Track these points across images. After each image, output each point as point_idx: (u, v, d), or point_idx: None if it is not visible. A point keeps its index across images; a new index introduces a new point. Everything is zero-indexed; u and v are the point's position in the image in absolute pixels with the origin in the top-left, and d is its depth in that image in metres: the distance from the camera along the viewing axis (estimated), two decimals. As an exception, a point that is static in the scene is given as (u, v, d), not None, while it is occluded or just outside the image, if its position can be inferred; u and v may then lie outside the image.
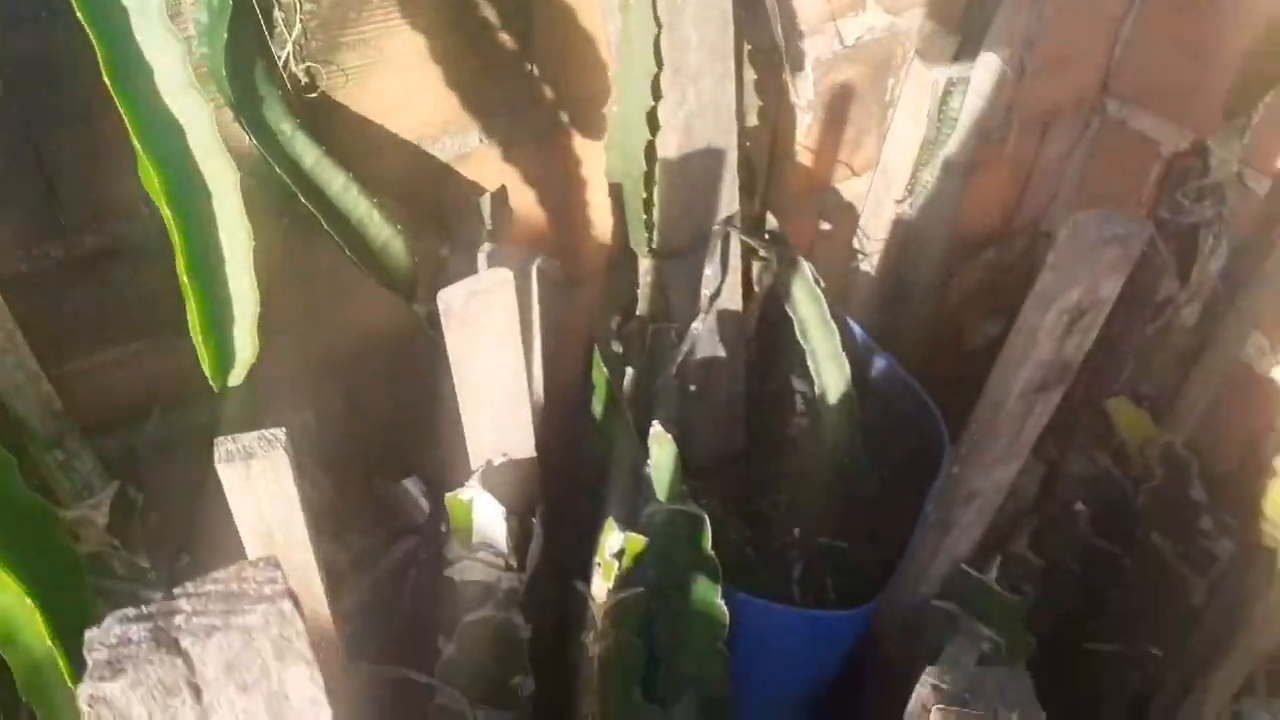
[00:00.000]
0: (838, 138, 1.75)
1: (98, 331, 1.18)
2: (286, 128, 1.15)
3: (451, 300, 0.89)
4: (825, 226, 1.84)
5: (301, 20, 1.22)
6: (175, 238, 0.74)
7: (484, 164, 1.45)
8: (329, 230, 1.12)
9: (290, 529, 0.72)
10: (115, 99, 0.72)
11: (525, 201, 1.52)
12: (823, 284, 1.38)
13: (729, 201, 1.26)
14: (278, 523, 0.71)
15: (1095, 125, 2.06)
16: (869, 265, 1.75)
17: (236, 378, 0.75)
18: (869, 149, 1.81)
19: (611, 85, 1.17)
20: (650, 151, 1.15)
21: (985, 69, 1.59)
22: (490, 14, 1.34)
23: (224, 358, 0.74)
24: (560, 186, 1.53)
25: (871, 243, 1.72)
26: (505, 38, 1.37)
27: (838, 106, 1.71)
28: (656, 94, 1.10)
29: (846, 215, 1.86)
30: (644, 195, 1.17)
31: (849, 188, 1.83)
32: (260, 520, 0.71)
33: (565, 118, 1.48)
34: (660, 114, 1.12)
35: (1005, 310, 2.32)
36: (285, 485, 0.70)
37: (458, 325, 0.89)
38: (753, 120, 1.31)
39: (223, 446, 0.69)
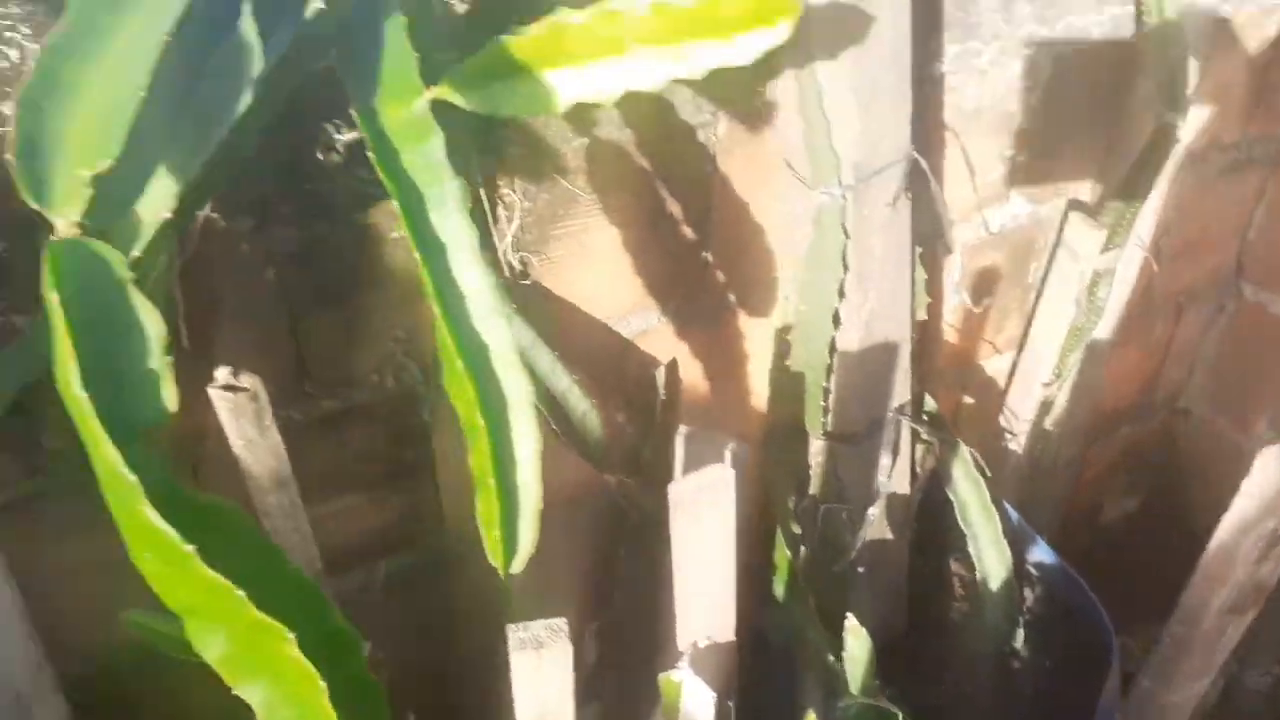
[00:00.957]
0: (982, 317, 1.86)
1: (328, 483, 1.32)
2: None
3: (681, 493, 0.99)
4: (968, 400, 1.93)
5: (520, 216, 1.40)
6: (476, 440, 0.86)
7: (660, 340, 1.59)
8: (537, 405, 1.26)
9: (562, 712, 0.81)
10: (439, 319, 0.86)
11: (692, 374, 1.66)
12: (987, 472, 1.45)
13: (901, 390, 1.36)
14: (553, 705, 0.81)
15: (1231, 308, 2.13)
16: (1016, 444, 1.82)
17: (518, 566, 0.85)
18: (1011, 328, 1.91)
19: (799, 285, 1.30)
20: (832, 345, 1.27)
21: (1130, 259, 1.70)
22: (677, 210, 1.50)
23: (510, 547, 0.85)
24: (724, 361, 1.66)
25: (1019, 422, 1.80)
26: (687, 230, 1.53)
27: (983, 288, 1.83)
28: (841, 295, 1.22)
29: (988, 390, 1.95)
30: (824, 384, 1.28)
31: (991, 364, 1.93)
32: (539, 703, 0.80)
33: (733, 298, 1.62)
34: (843, 312, 1.25)
35: (1142, 486, 2.35)
36: (565, 673, 0.79)
37: (684, 516, 0.99)
38: (921, 314, 1.43)
39: (515, 634, 0.79)
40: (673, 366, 1.55)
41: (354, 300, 1.34)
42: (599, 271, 1.47)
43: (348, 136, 1.16)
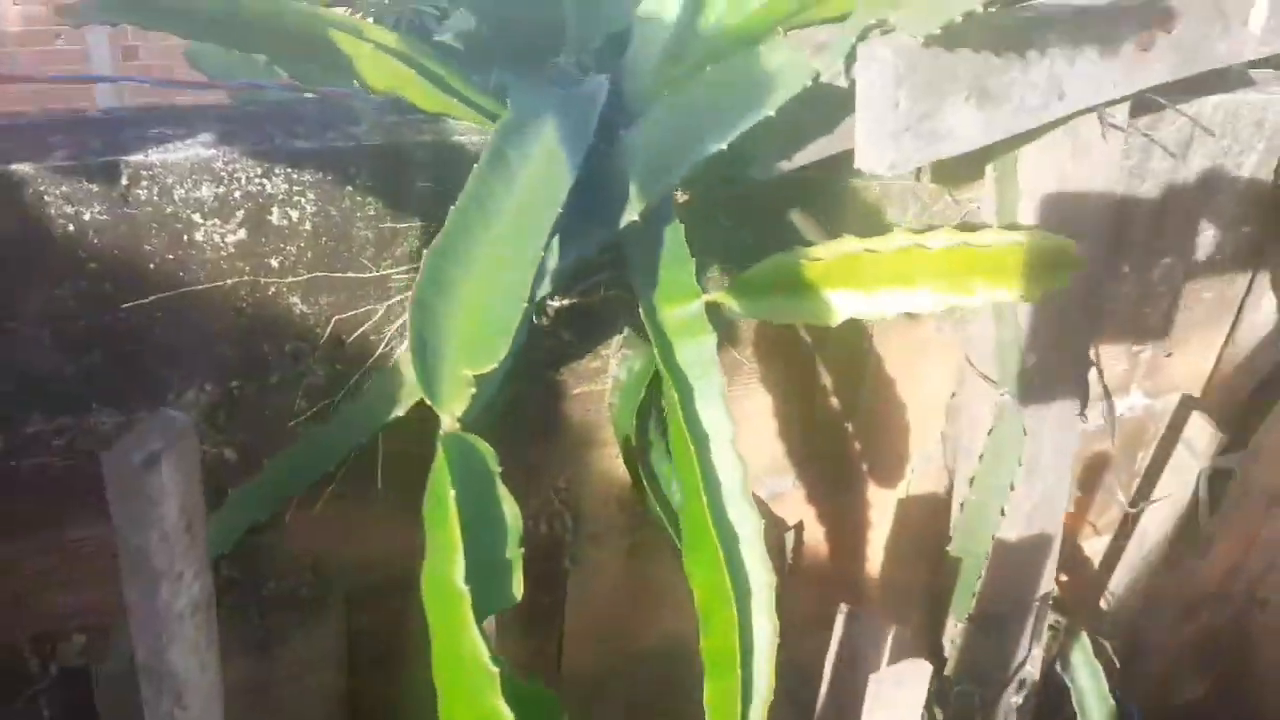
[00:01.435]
0: (1089, 500, 1.92)
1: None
2: (665, 469, 1.36)
3: (880, 684, 1.03)
4: (1063, 578, 1.98)
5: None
6: (717, 625, 0.90)
7: (791, 503, 1.65)
8: None
9: None
10: (693, 502, 0.92)
11: (815, 536, 1.71)
12: (1116, 662, 1.49)
13: (1047, 580, 1.41)
14: None
15: (1316, 505, 2.19)
16: (1114, 625, 1.86)
17: (757, 715, 0.89)
18: (1114, 512, 1.97)
19: (974, 476, 1.36)
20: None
21: (1246, 460, 1.77)
22: (829, 382, 1.57)
23: (747, 695, 0.88)
24: (848, 528, 1.72)
25: (1117, 601, 1.84)
26: (835, 402, 1.60)
27: (1092, 474, 1.90)
28: (1012, 488, 1.28)
29: (1084, 569, 2.00)
30: (980, 573, 1.33)
31: (1090, 544, 1.98)
32: None
33: (865, 468, 1.68)
34: (1008, 505, 1.31)
35: (1213, 668, 2.38)
36: None
37: (880, 705, 1.03)
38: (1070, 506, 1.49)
39: None
40: (799, 529, 1.60)
41: (530, 450, 1.40)
42: (749, 435, 1.53)
43: (559, 303, 1.24)
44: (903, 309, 0.91)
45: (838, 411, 1.61)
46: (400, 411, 1.05)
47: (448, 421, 0.72)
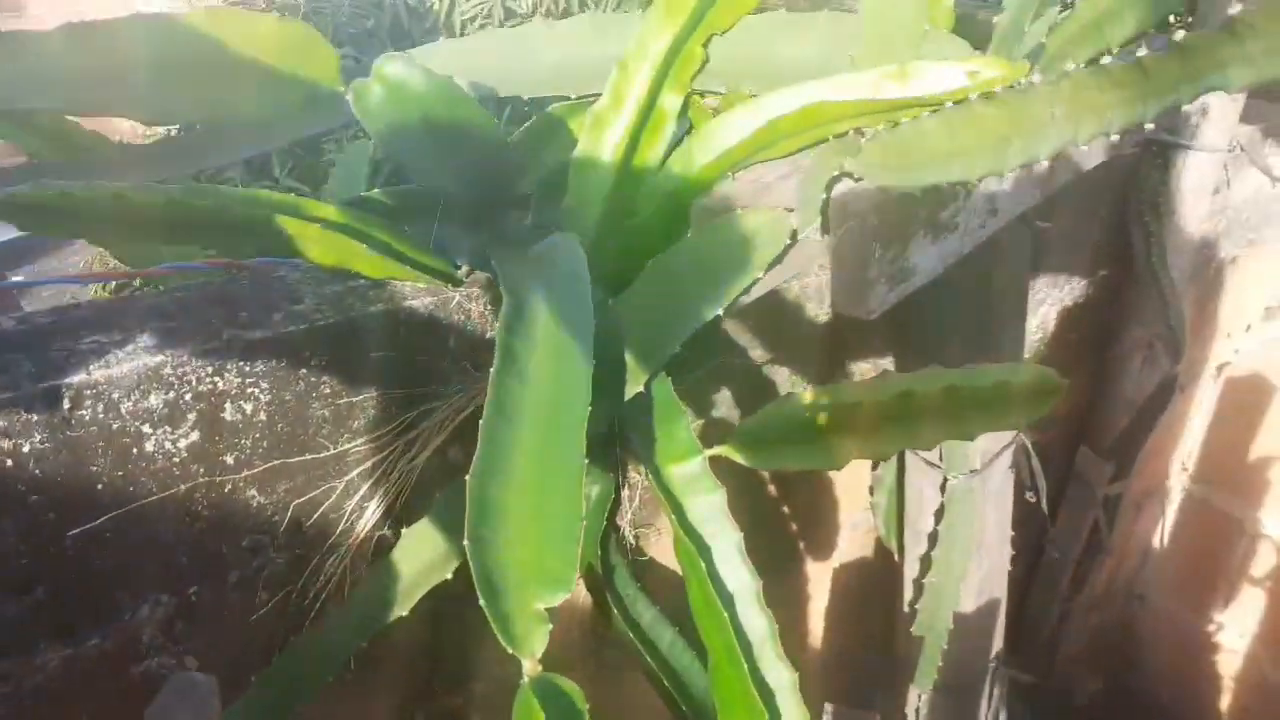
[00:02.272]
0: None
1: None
2: (630, 591, 1.37)
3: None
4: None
5: (640, 494, 1.48)
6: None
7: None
8: (660, 679, 1.32)
9: None
10: (720, 666, 0.93)
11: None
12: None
13: (998, 640, 1.50)
14: None
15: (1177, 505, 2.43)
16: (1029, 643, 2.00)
17: None
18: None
19: (932, 561, 1.43)
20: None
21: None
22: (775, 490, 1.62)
23: None
24: (793, 604, 1.78)
25: (1034, 626, 1.98)
26: (772, 489, 1.65)
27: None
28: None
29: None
30: (942, 646, 1.41)
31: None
32: None
33: (802, 545, 1.75)
34: (962, 585, 1.39)
35: (1104, 666, 2.59)
36: None
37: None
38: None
39: None
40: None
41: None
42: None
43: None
44: (903, 446, 0.96)
45: (773, 497, 1.66)
46: (404, 611, 1.02)
47: (529, 665, 0.71)
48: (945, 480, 1.36)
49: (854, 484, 1.72)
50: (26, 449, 0.95)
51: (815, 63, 1.21)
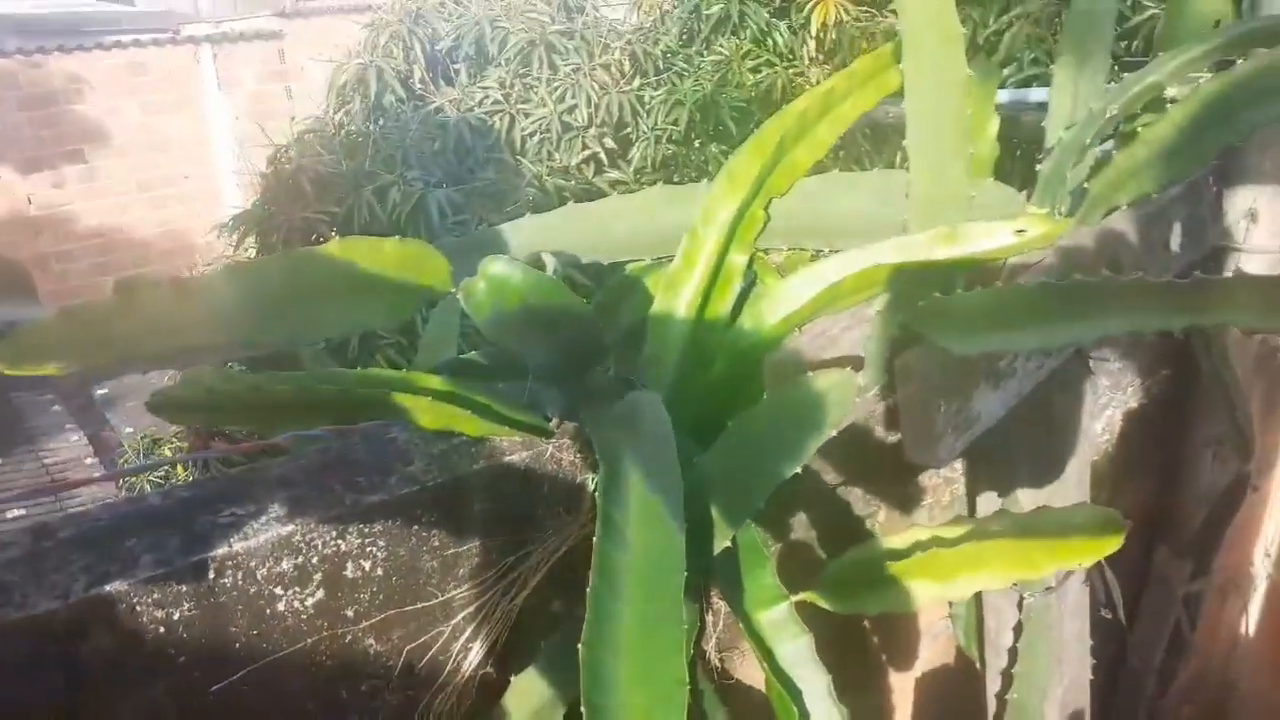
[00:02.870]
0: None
1: None
2: (719, 716, 1.43)
3: None
4: None
5: (723, 618, 1.55)
6: None
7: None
8: None
9: None
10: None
11: None
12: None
13: (1085, 751, 1.53)
14: None
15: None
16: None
17: None
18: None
19: (1015, 677, 1.48)
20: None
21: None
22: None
23: None
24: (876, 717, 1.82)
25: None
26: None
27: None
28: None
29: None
30: (1030, 759, 1.44)
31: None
32: None
33: (883, 657, 1.79)
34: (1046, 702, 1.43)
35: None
36: None
37: None
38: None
39: None
40: None
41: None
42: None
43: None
44: (975, 589, 1.03)
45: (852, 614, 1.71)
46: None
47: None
48: (1022, 598, 1.41)
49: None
50: (176, 616, 1.06)
51: (868, 216, 1.31)
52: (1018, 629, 1.43)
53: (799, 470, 1.03)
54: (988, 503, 1.38)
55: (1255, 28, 1.35)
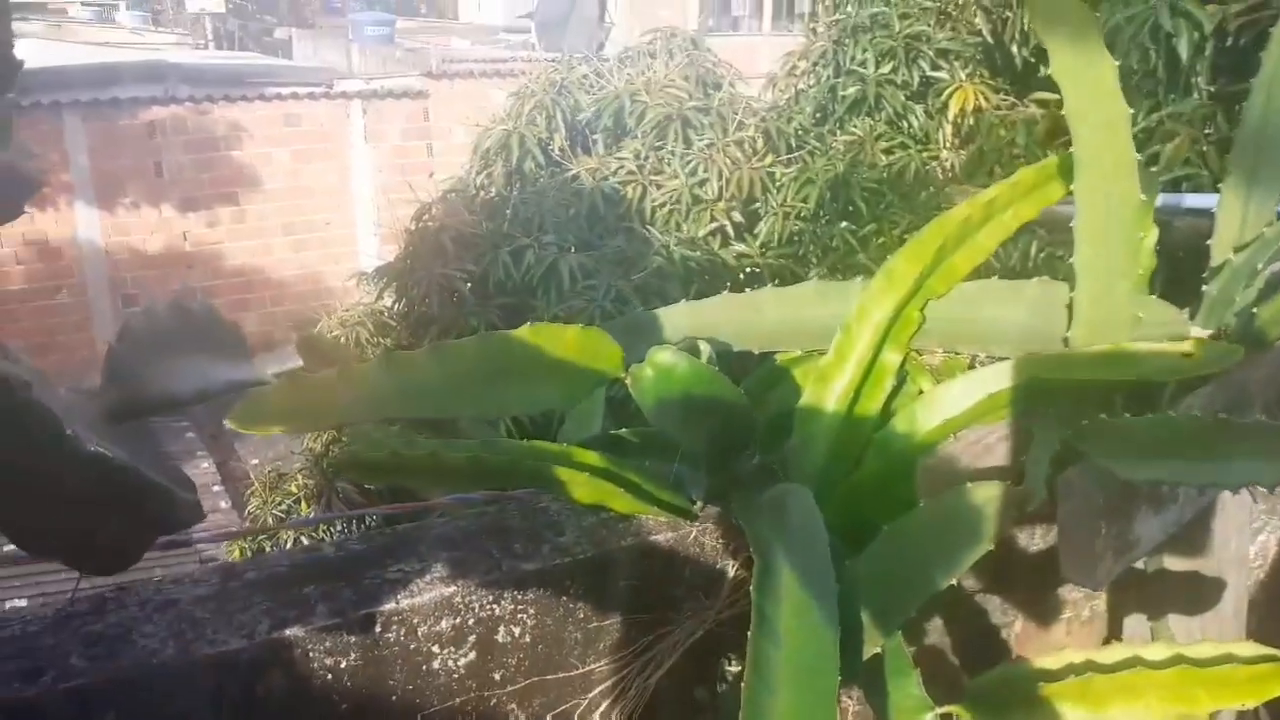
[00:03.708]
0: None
1: None
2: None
3: None
4: None
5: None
6: None
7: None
8: None
9: None
10: None
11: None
12: None
13: None
14: None
15: None
16: None
17: None
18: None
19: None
20: None
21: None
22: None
23: None
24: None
25: None
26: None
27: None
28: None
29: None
30: None
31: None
32: None
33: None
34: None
35: None
36: None
37: None
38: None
39: None
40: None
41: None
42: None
43: (734, 668, 1.34)
44: None
45: None
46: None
47: None
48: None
49: None
50: (343, 665, 1.13)
51: (1024, 327, 1.32)
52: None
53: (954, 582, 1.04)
54: (1135, 625, 1.35)
55: None
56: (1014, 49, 5.14)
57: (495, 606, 1.20)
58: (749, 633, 0.97)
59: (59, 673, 1.01)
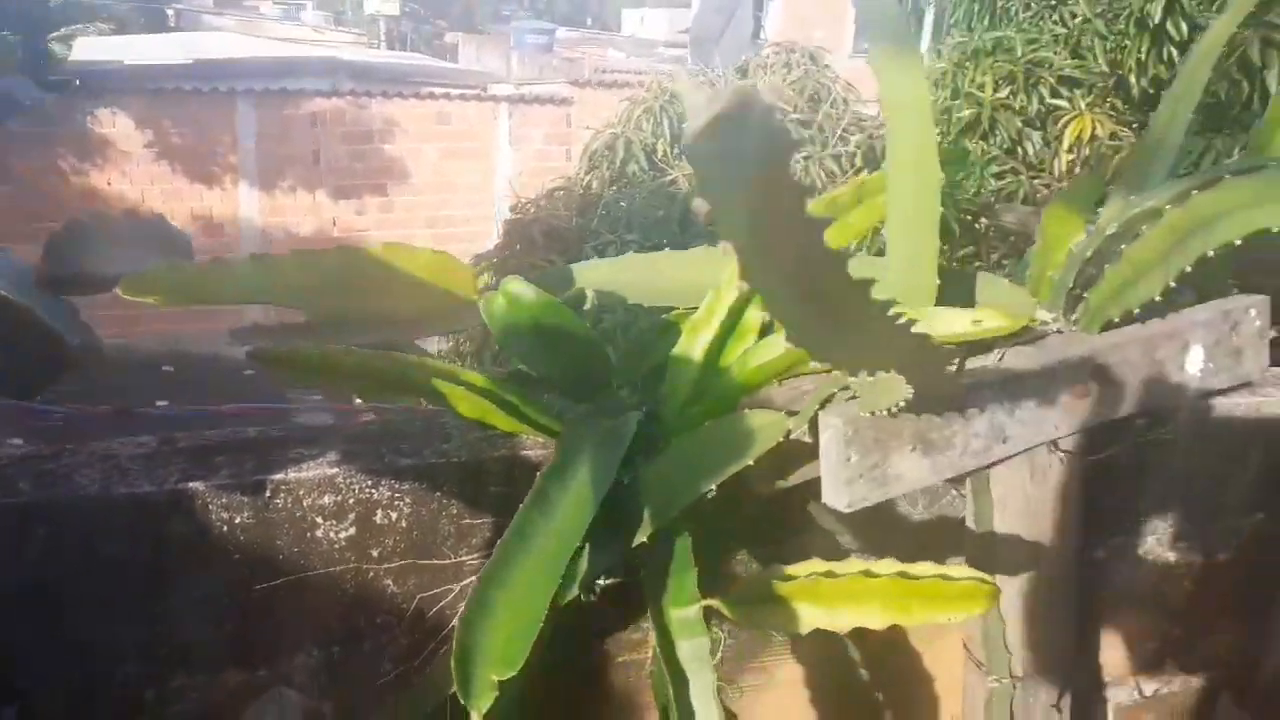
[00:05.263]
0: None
1: None
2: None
3: None
4: None
5: (723, 650, 1.72)
6: None
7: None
8: None
9: None
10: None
11: None
12: None
13: None
14: None
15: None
16: None
17: None
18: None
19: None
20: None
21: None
22: (857, 655, 1.79)
23: None
24: None
25: None
26: (865, 673, 1.81)
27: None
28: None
29: None
30: None
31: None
32: None
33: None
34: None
35: None
36: None
37: None
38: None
39: None
40: None
41: (577, 712, 1.66)
42: (780, 699, 1.76)
43: (605, 582, 1.53)
44: (855, 624, 1.16)
45: (867, 682, 1.82)
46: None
47: (475, 718, 1.01)
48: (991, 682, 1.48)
49: (949, 686, 1.83)
50: (237, 521, 1.39)
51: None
52: (986, 711, 1.49)
53: (712, 489, 1.22)
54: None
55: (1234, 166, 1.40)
56: (1132, 79, 5.08)
57: (373, 491, 1.44)
58: (521, 506, 1.18)
59: (5, 491, 1.32)
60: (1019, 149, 5.25)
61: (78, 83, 8.75)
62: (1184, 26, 4.85)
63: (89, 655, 1.39)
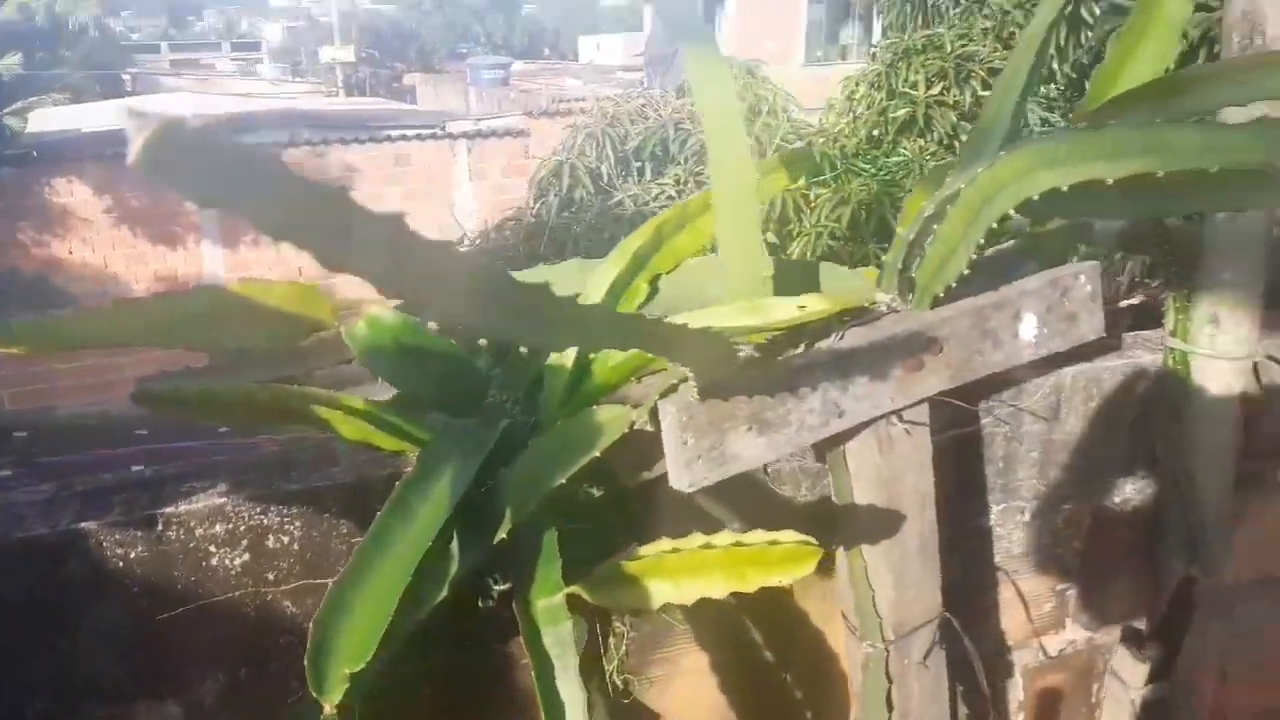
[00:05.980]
0: (1049, 735, 2.10)
1: None
2: (604, 724, 1.66)
3: None
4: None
5: (627, 643, 1.80)
6: None
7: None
8: None
9: None
10: None
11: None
12: None
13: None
14: None
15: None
16: None
17: None
18: (1079, 746, 2.13)
19: (857, 721, 1.63)
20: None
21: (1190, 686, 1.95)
22: (758, 638, 1.87)
23: None
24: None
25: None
26: (768, 654, 1.89)
27: (1046, 709, 2.09)
28: (891, 729, 1.54)
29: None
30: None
31: (1062, 780, 2.14)
32: None
33: (809, 715, 1.94)
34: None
35: None
36: None
37: None
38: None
39: None
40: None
41: (488, 714, 1.74)
42: (690, 686, 1.83)
43: (502, 587, 1.61)
44: (701, 595, 1.24)
45: (772, 663, 1.90)
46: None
47: (328, 709, 1.09)
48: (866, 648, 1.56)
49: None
50: (133, 555, 1.47)
51: (719, 291, 1.56)
52: (864, 674, 1.57)
53: (563, 480, 1.30)
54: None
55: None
56: (1055, 65, 5.21)
57: (263, 517, 1.53)
58: (379, 513, 1.26)
59: (-95, 540, 1.40)
60: (957, 143, 5.38)
61: (34, 154, 8.88)
62: (1096, 10, 5.00)
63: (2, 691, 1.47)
